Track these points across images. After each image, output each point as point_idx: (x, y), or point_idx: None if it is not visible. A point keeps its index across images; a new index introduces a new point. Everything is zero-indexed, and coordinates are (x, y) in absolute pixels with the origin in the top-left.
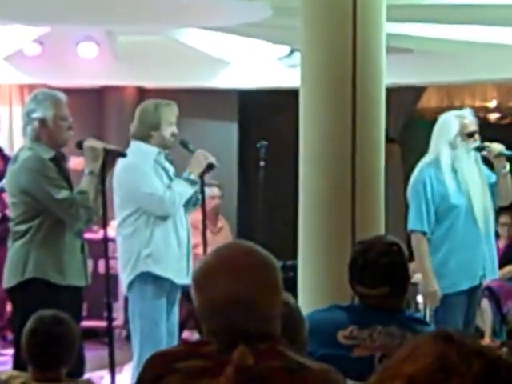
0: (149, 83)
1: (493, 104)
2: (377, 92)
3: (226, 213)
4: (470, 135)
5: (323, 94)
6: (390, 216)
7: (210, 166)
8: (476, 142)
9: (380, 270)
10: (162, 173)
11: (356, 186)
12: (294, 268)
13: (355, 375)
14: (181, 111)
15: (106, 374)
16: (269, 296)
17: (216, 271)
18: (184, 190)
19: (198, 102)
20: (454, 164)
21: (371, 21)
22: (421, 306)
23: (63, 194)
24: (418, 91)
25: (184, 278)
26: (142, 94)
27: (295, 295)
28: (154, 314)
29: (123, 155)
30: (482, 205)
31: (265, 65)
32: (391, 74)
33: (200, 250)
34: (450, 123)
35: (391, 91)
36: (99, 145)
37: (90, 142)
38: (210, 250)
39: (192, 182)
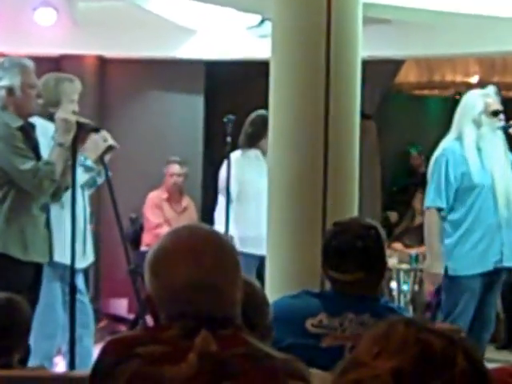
0: (110, 52)
1: (475, 79)
2: (352, 65)
3: (190, 191)
4: (495, 114)
5: (295, 66)
6: (365, 196)
7: (109, 148)
8: (501, 121)
9: (356, 254)
10: None
11: (328, 164)
12: None
13: (324, 366)
14: (144, 83)
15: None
16: (230, 280)
17: (174, 255)
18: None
19: (161, 73)
20: (478, 142)
21: None
22: (395, 293)
23: (27, 164)
24: (395, 64)
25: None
26: (103, 63)
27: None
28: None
29: (97, 130)
30: (505, 187)
31: (233, 34)
32: (367, 45)
33: (164, 229)
34: (475, 101)
35: (367, 64)
36: (72, 117)
37: (62, 114)
38: None
39: (87, 168)
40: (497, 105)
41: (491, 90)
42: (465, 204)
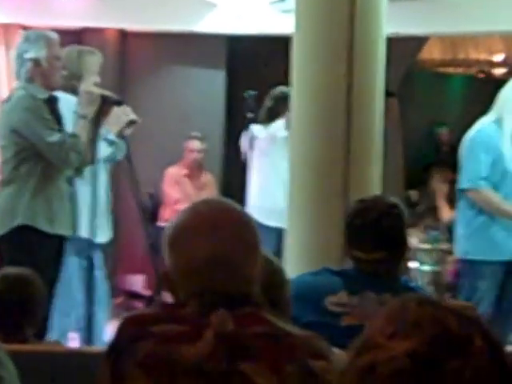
0: (131, 26)
1: (499, 58)
2: (376, 41)
3: (211, 167)
4: None
5: (318, 43)
6: (387, 175)
7: (131, 122)
8: None
9: (378, 233)
10: None
11: (351, 141)
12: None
13: (343, 344)
14: (165, 57)
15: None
16: (249, 255)
17: (193, 230)
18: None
19: (182, 48)
20: None
21: None
22: (415, 273)
23: (54, 136)
24: (419, 42)
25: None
26: (124, 37)
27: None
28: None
29: (119, 103)
30: None
31: (256, 9)
32: (391, 22)
33: (183, 205)
34: None
35: (391, 41)
36: (96, 90)
37: (86, 86)
38: None
39: (110, 142)
40: None
41: None
42: (493, 189)
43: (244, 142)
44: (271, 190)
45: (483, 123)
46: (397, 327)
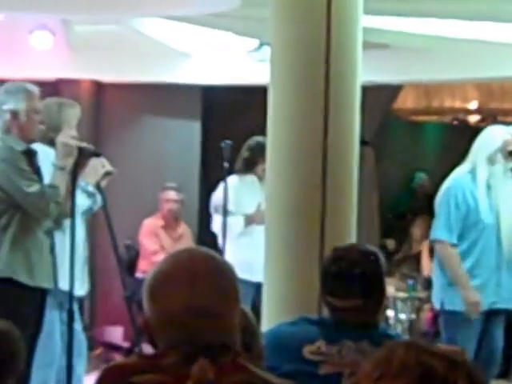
0: (106, 77)
1: (473, 105)
2: (352, 90)
3: (187, 218)
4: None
5: (294, 92)
6: (363, 223)
7: (107, 173)
8: None
9: (354, 280)
10: None
11: (327, 190)
12: None
13: None
14: (140, 107)
15: None
16: (229, 305)
17: (173, 279)
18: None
19: (158, 98)
20: (489, 179)
21: (347, 12)
22: (392, 321)
23: (33, 187)
24: (393, 90)
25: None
26: (99, 88)
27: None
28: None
29: (97, 155)
30: (510, 228)
31: (231, 59)
32: (365, 70)
33: (160, 256)
34: (494, 137)
35: (365, 89)
36: (73, 142)
37: (63, 138)
38: None
39: (89, 194)
40: None
41: None
42: (468, 240)
43: (217, 193)
44: (245, 243)
45: (458, 174)
46: (384, 370)
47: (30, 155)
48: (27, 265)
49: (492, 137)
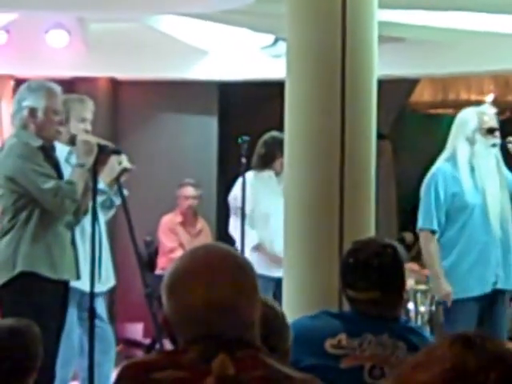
0: (122, 74)
1: (490, 98)
2: (368, 84)
3: (205, 213)
4: (490, 131)
5: (310, 87)
6: (381, 217)
7: (125, 170)
8: (496, 138)
9: (372, 272)
10: None
11: (345, 185)
12: None
13: None
14: (156, 104)
15: None
16: (248, 301)
17: (191, 276)
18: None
19: (174, 95)
20: (471, 160)
21: (362, 7)
22: (412, 314)
23: (49, 183)
24: (410, 83)
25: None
26: (115, 85)
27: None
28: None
29: (117, 152)
30: (499, 206)
31: (247, 55)
32: (382, 64)
33: (178, 253)
34: (468, 118)
35: (382, 83)
36: (93, 139)
37: (83, 137)
38: None
39: (99, 191)
40: (493, 122)
41: (487, 107)
42: (457, 224)
43: (234, 192)
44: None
45: (438, 162)
46: (421, 360)
47: (47, 150)
48: (49, 258)
49: (466, 119)
